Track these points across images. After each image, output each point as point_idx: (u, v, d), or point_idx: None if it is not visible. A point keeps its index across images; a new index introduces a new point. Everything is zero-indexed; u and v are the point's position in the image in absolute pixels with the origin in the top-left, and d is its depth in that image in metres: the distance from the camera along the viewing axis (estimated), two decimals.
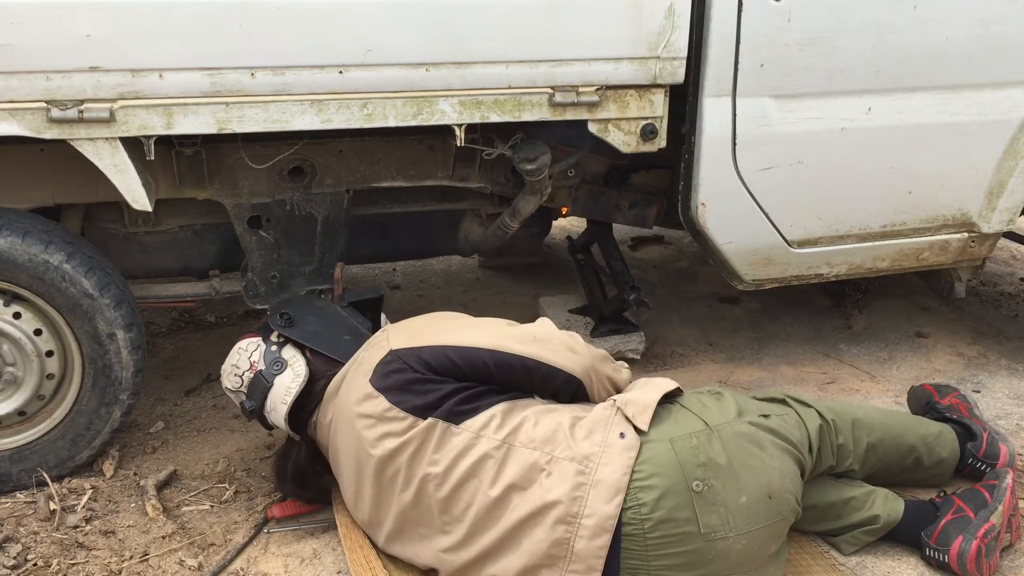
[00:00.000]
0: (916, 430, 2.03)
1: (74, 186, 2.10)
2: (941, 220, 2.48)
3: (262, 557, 1.90)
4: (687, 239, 3.53)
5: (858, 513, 1.90)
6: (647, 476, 1.56)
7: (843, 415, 1.93)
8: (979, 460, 2.06)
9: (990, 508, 1.86)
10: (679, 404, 1.72)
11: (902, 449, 1.99)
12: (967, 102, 2.36)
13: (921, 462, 2.02)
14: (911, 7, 2.21)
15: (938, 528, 1.86)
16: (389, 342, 1.76)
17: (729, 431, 1.66)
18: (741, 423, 1.69)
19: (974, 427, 2.10)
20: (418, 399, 1.67)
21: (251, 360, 1.90)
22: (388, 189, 2.37)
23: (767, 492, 1.63)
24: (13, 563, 1.83)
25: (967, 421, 2.11)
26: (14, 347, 1.98)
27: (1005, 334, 2.99)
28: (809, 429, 1.83)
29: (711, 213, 2.28)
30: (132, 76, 1.79)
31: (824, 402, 1.95)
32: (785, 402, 1.90)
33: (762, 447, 1.68)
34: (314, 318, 1.98)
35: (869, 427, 1.94)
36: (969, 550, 1.80)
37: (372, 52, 1.89)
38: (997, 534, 1.84)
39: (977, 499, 1.89)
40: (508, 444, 1.63)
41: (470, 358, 1.72)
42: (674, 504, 1.55)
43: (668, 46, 2.07)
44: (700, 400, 1.74)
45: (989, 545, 1.81)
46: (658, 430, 1.63)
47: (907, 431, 2.01)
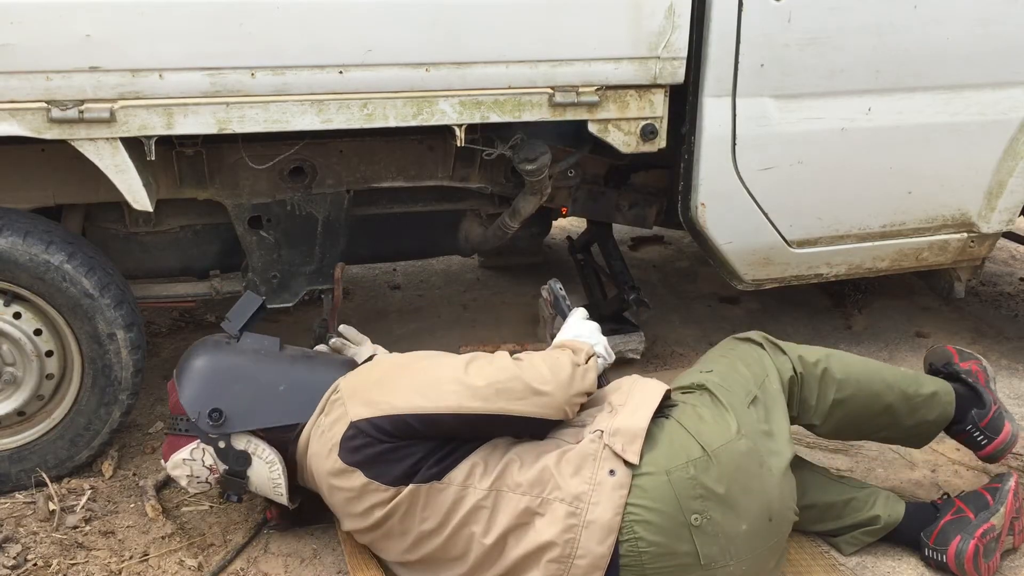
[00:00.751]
0: (900, 388, 1.92)
1: (75, 186, 2.10)
2: (941, 220, 2.48)
3: (262, 557, 1.90)
4: (687, 239, 3.53)
5: (858, 514, 1.90)
6: (644, 510, 1.53)
7: (813, 368, 1.86)
8: (979, 430, 1.98)
9: (991, 510, 1.86)
10: (673, 419, 1.65)
11: (875, 409, 1.90)
12: (967, 102, 2.36)
13: (899, 422, 1.94)
14: (911, 7, 2.22)
15: (937, 528, 1.86)
16: (348, 412, 1.64)
17: (727, 455, 1.59)
18: (739, 441, 1.62)
19: (985, 396, 2.01)
20: (394, 469, 1.60)
21: (207, 466, 1.76)
22: (388, 189, 2.37)
23: (768, 515, 1.61)
24: (13, 563, 1.83)
25: (980, 388, 2.03)
26: (14, 347, 1.98)
27: (1005, 334, 2.99)
28: (782, 378, 1.81)
29: (711, 213, 2.28)
30: (132, 76, 1.79)
31: (800, 349, 1.89)
32: (762, 346, 1.87)
33: (762, 463, 1.63)
34: (237, 388, 1.75)
35: (840, 383, 1.86)
36: (966, 550, 1.80)
37: (372, 52, 1.89)
38: (997, 535, 1.84)
39: (979, 502, 1.89)
40: (497, 490, 1.59)
41: (434, 423, 1.61)
42: (672, 538, 1.53)
43: (668, 46, 2.07)
44: (696, 412, 1.67)
45: (988, 546, 1.81)
46: (652, 458, 1.58)
47: (888, 390, 1.90)
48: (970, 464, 2.26)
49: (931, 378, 2.02)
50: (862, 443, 2.35)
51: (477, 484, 1.59)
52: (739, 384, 1.75)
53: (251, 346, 1.84)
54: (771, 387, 1.78)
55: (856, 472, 2.21)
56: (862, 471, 2.23)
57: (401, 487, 1.60)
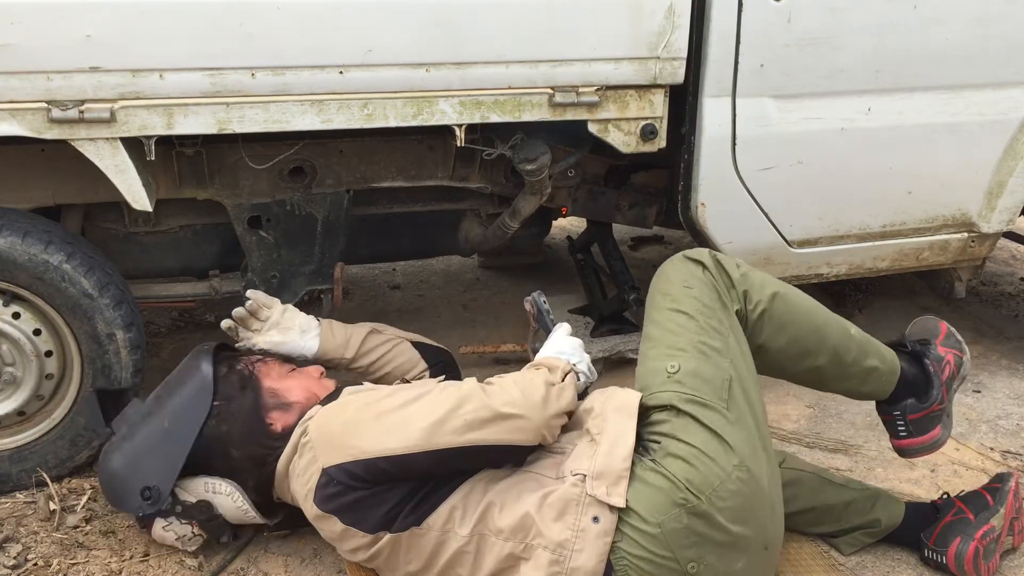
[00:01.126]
0: (838, 353, 1.78)
1: (74, 186, 2.10)
2: (941, 220, 2.48)
3: (262, 557, 1.90)
4: (687, 239, 3.52)
5: (858, 516, 1.90)
6: (640, 560, 1.48)
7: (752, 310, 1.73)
8: (904, 421, 1.86)
9: (991, 511, 1.86)
10: (660, 466, 1.53)
11: (802, 366, 1.79)
12: (967, 102, 2.36)
13: (824, 383, 1.84)
14: (911, 7, 2.22)
15: (937, 529, 1.86)
16: (317, 458, 1.61)
17: (721, 497, 1.50)
18: (732, 476, 1.51)
19: (934, 393, 1.85)
20: (370, 517, 1.58)
21: (184, 525, 1.80)
22: (388, 189, 2.37)
23: (764, 544, 1.57)
24: (13, 563, 1.83)
25: (935, 381, 1.86)
26: (13, 347, 1.98)
27: (1005, 334, 2.99)
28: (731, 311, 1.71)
29: (711, 213, 2.28)
30: (132, 76, 1.79)
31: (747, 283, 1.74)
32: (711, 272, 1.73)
33: (756, 492, 1.54)
34: (144, 463, 1.77)
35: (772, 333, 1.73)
36: (967, 551, 1.80)
37: (372, 52, 1.89)
38: (997, 536, 1.84)
39: (979, 502, 1.89)
40: (479, 535, 1.55)
41: (405, 464, 1.55)
42: None
43: (668, 46, 2.07)
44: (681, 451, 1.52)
45: (988, 547, 1.81)
46: (642, 506, 1.50)
47: (823, 350, 1.77)
48: (970, 464, 2.26)
49: (881, 351, 1.85)
50: (862, 443, 2.35)
51: (457, 529, 1.56)
52: (711, 378, 1.60)
53: (123, 426, 1.86)
54: (731, 340, 1.66)
55: (855, 471, 2.21)
56: (861, 470, 2.23)
57: (380, 534, 1.58)
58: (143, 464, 1.78)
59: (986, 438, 2.39)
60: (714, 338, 1.65)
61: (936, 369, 1.88)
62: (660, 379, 1.61)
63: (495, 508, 1.56)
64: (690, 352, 1.62)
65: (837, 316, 1.83)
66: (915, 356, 1.90)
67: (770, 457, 1.62)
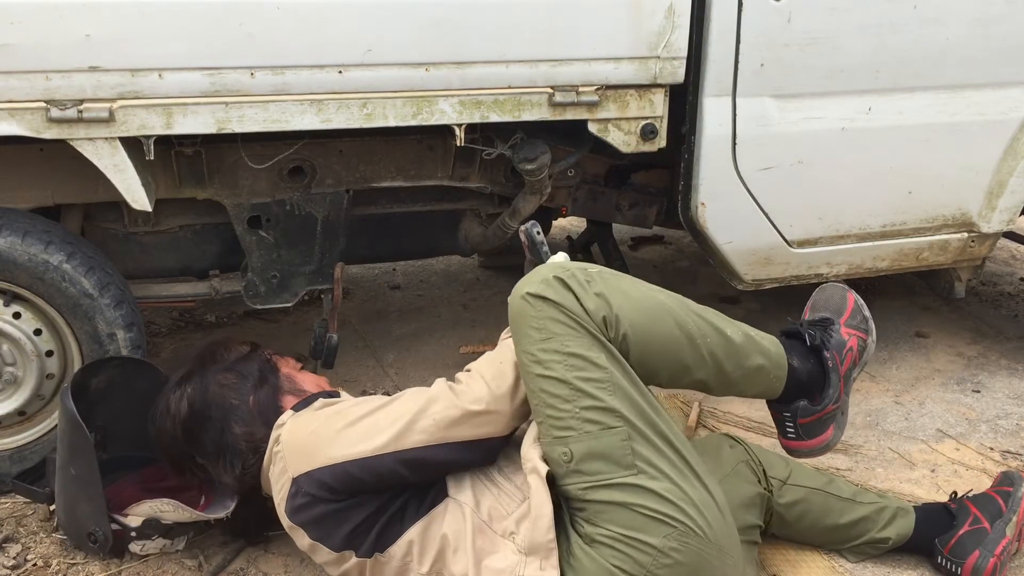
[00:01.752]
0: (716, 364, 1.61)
1: (74, 186, 2.10)
2: (941, 220, 2.48)
3: (262, 557, 1.90)
4: (687, 239, 3.52)
5: (868, 534, 1.87)
6: None
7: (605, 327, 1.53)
8: (794, 424, 1.72)
9: (1005, 519, 1.84)
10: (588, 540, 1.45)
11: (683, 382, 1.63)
12: (967, 102, 2.35)
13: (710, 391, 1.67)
14: (911, 7, 2.21)
15: (954, 539, 1.84)
16: (287, 468, 1.60)
17: (657, 571, 1.42)
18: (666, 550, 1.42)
19: (828, 392, 1.70)
20: (335, 535, 1.56)
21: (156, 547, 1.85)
22: (388, 189, 2.37)
23: None
24: (13, 563, 1.83)
25: (831, 378, 1.70)
26: (14, 347, 1.98)
27: (1005, 334, 2.99)
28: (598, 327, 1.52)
29: (711, 213, 2.28)
30: (132, 76, 1.79)
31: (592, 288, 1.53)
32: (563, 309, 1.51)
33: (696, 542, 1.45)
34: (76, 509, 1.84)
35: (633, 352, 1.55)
36: (986, 567, 1.78)
37: (372, 52, 1.89)
38: (1011, 548, 1.83)
39: (992, 507, 1.87)
40: (437, 573, 1.55)
41: (374, 468, 1.54)
42: None
43: (668, 46, 2.07)
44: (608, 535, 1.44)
45: (1004, 561, 1.81)
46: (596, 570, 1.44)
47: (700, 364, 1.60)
48: (970, 464, 2.26)
49: (765, 347, 1.67)
50: (862, 443, 2.35)
51: (416, 566, 1.55)
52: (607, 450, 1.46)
53: (53, 484, 1.91)
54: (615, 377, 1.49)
55: (855, 471, 2.21)
56: (861, 470, 2.23)
57: (347, 554, 1.58)
58: (77, 512, 1.84)
59: (986, 438, 2.39)
60: (596, 396, 1.47)
61: (836, 361, 1.71)
62: (561, 470, 1.49)
63: (449, 549, 1.54)
64: (576, 430, 1.47)
65: (709, 318, 1.63)
66: (815, 350, 1.72)
67: (703, 480, 1.51)
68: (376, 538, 1.56)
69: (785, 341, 1.73)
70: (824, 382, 1.70)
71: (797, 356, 1.71)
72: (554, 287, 1.51)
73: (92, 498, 1.80)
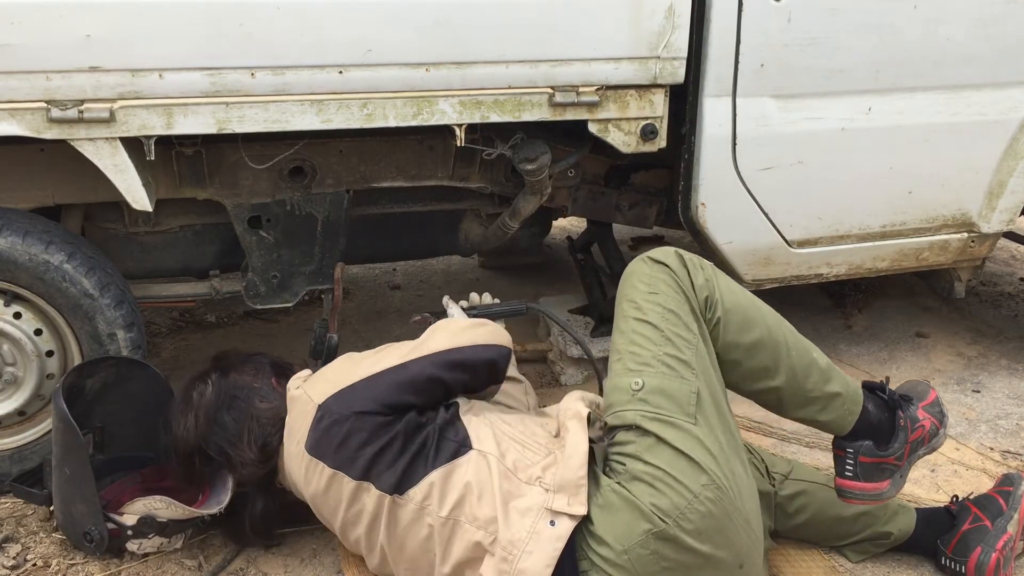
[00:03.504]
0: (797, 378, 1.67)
1: (74, 186, 2.10)
2: (941, 220, 2.48)
3: (262, 557, 1.90)
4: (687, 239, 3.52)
5: (869, 530, 1.88)
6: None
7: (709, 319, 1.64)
8: (855, 463, 1.73)
9: (1006, 516, 1.85)
10: (624, 489, 1.50)
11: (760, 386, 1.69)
12: (967, 102, 2.36)
13: (783, 409, 1.72)
14: (911, 7, 2.21)
15: (956, 537, 1.84)
16: (312, 398, 1.65)
17: (689, 519, 1.46)
18: (701, 496, 1.46)
19: (895, 446, 1.72)
20: (358, 458, 1.58)
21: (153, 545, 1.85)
22: (388, 189, 2.37)
23: (738, 563, 1.53)
24: (13, 563, 1.83)
25: (900, 434, 1.73)
26: (14, 347, 1.98)
27: (1005, 334, 2.99)
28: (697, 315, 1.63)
29: (711, 213, 2.28)
30: (132, 76, 1.79)
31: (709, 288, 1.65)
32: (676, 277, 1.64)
33: (728, 510, 1.49)
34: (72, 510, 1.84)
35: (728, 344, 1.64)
36: (988, 562, 1.79)
37: (372, 52, 1.89)
38: (1013, 544, 1.83)
39: (993, 507, 1.87)
40: (454, 520, 1.54)
41: (400, 375, 1.63)
42: None
43: (668, 46, 2.07)
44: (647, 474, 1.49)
45: (1006, 556, 1.81)
46: (609, 531, 1.48)
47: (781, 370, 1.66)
48: (970, 464, 2.26)
49: (845, 380, 1.72)
50: None
51: (435, 510, 1.55)
52: (676, 396, 1.54)
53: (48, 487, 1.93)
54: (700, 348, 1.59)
55: None
56: None
57: (363, 484, 1.58)
58: (73, 512, 1.84)
59: (986, 438, 2.39)
60: (680, 349, 1.58)
61: (907, 425, 1.74)
62: (624, 397, 1.56)
63: (473, 495, 1.55)
64: (654, 367, 1.56)
65: (802, 337, 1.71)
66: (889, 405, 1.76)
67: (745, 468, 1.58)
68: (400, 476, 1.56)
69: (864, 391, 1.76)
70: (892, 435, 1.73)
71: (873, 403, 1.74)
72: (672, 258, 1.67)
73: (87, 497, 1.80)
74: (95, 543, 1.81)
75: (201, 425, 1.76)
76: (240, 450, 1.75)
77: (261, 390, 1.80)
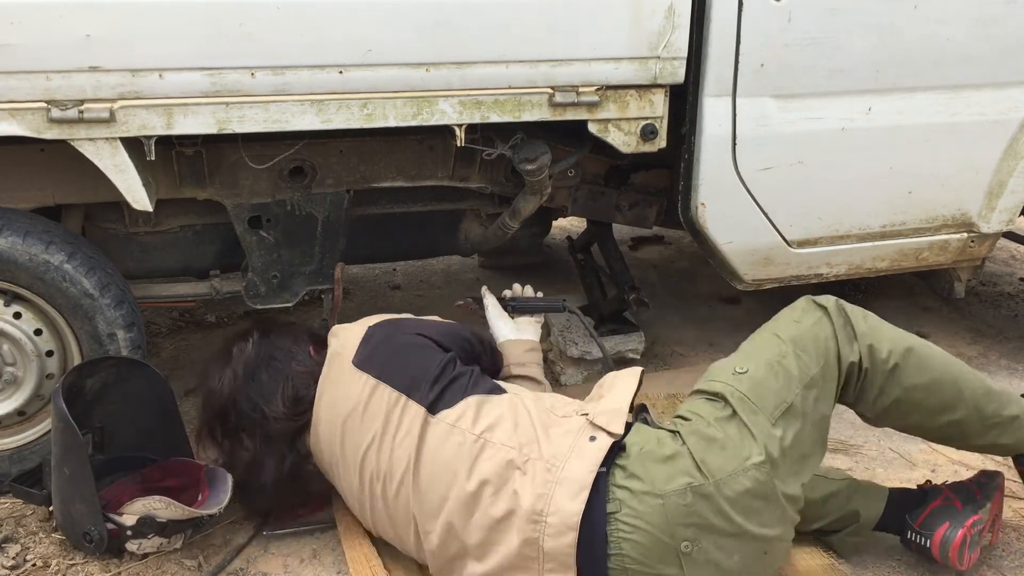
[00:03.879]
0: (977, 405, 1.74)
1: (74, 186, 2.10)
2: (941, 220, 2.48)
3: (262, 557, 1.90)
4: (687, 239, 3.52)
5: (837, 510, 1.87)
6: (633, 529, 1.49)
7: (883, 365, 1.70)
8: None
9: (979, 503, 1.84)
10: (679, 437, 1.57)
11: (941, 421, 1.76)
12: (967, 102, 2.36)
13: (966, 439, 1.80)
14: (911, 7, 2.21)
15: (925, 513, 1.83)
16: (361, 326, 1.80)
17: (731, 486, 1.51)
18: (748, 473, 1.52)
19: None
20: (404, 370, 1.68)
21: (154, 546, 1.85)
22: (388, 189, 2.37)
23: (763, 550, 1.56)
24: (12, 563, 1.83)
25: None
26: (14, 347, 1.98)
27: (1005, 334, 2.99)
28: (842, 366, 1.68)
29: (711, 213, 2.28)
30: (132, 76, 1.79)
31: (873, 336, 1.71)
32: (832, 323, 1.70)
33: (769, 496, 1.54)
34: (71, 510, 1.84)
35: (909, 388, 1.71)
36: (954, 537, 1.77)
37: (372, 52, 1.89)
38: (982, 529, 1.82)
39: (965, 492, 1.86)
40: (485, 440, 1.59)
41: (441, 328, 1.80)
42: (658, 561, 1.50)
43: (668, 46, 2.07)
44: (707, 432, 1.57)
45: (973, 537, 1.79)
46: (651, 471, 1.52)
47: (961, 402, 1.73)
48: (970, 464, 2.26)
49: (1017, 398, 1.82)
50: (862, 443, 2.35)
51: (468, 427, 1.61)
52: (774, 391, 1.62)
53: (48, 487, 1.92)
54: (818, 382, 1.65)
55: (855, 471, 2.21)
56: (861, 470, 2.23)
57: (403, 397, 1.65)
58: (72, 512, 1.84)
59: None
60: (796, 367, 1.64)
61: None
62: (724, 375, 1.66)
63: (508, 421, 1.62)
64: (766, 367, 1.65)
65: (966, 366, 1.80)
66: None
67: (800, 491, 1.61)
68: (437, 396, 1.65)
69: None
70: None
71: None
72: (831, 302, 1.74)
73: (86, 497, 1.80)
74: (95, 543, 1.81)
75: (239, 379, 1.81)
76: (273, 406, 1.78)
77: (298, 355, 1.85)
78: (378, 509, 1.71)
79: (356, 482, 1.72)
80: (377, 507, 1.71)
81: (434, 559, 1.66)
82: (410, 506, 1.65)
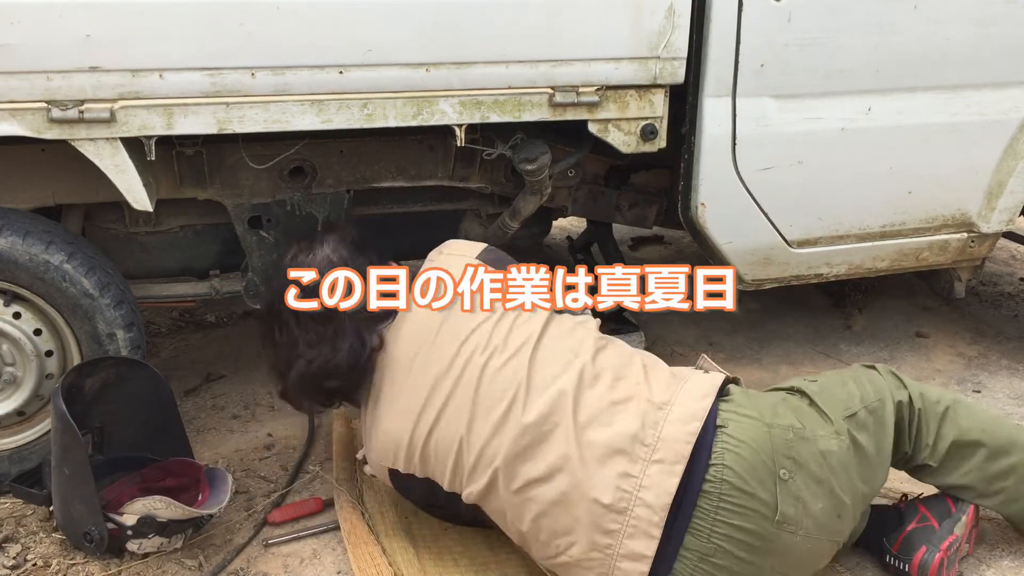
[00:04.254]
0: None
1: (75, 186, 2.10)
2: (941, 220, 2.48)
3: (262, 557, 1.90)
4: (687, 239, 3.52)
5: None
6: (739, 443, 1.57)
7: (934, 406, 1.81)
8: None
9: (954, 519, 1.83)
10: (783, 397, 1.73)
11: (1000, 467, 1.82)
12: (967, 102, 2.36)
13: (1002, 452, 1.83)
14: (911, 7, 2.22)
15: (901, 536, 1.83)
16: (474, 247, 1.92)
17: (820, 444, 1.62)
18: (833, 439, 1.64)
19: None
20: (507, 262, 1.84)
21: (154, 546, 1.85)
22: (388, 189, 2.37)
23: (837, 512, 1.62)
24: (13, 563, 1.83)
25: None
26: (14, 347, 1.98)
27: (1005, 334, 2.99)
28: (897, 407, 1.77)
29: (711, 213, 2.28)
30: (132, 76, 1.79)
31: (922, 387, 1.85)
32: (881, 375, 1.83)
33: (847, 467, 1.64)
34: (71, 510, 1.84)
35: (963, 428, 1.81)
36: (932, 561, 1.78)
37: (372, 52, 1.89)
38: (959, 546, 1.82)
39: (941, 507, 1.86)
40: (609, 340, 1.76)
41: None
42: (757, 481, 1.55)
43: (668, 46, 2.07)
44: (797, 405, 1.70)
45: (951, 557, 1.80)
46: (758, 408, 1.64)
47: (1015, 447, 1.82)
48: None
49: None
50: None
51: (593, 328, 1.77)
52: (840, 399, 1.73)
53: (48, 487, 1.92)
54: (878, 411, 1.74)
55: None
56: None
57: None
58: (72, 512, 1.84)
59: None
60: (858, 391, 1.75)
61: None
62: (794, 380, 1.80)
63: (608, 373, 1.67)
64: (832, 378, 1.80)
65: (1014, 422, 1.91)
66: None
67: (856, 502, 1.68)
68: None
69: None
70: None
71: None
72: (883, 367, 1.86)
73: (86, 497, 1.80)
74: (95, 543, 1.81)
75: (337, 261, 1.83)
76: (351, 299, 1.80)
77: None
78: (465, 382, 1.65)
79: (446, 362, 1.67)
80: (464, 381, 1.65)
81: (522, 435, 1.59)
82: (518, 375, 1.63)
